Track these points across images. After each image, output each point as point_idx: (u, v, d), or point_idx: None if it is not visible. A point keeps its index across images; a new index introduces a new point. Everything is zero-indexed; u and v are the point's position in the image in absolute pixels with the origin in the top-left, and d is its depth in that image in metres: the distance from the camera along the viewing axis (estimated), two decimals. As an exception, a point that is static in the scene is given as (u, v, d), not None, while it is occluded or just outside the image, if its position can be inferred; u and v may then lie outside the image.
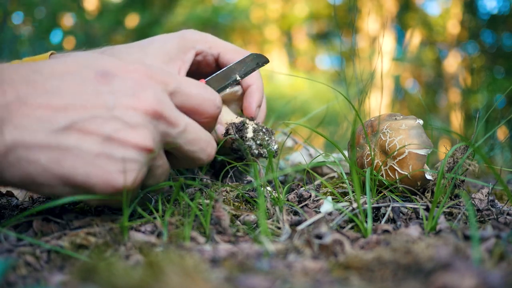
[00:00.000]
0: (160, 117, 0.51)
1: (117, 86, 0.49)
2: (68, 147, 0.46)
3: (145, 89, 0.50)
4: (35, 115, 0.45)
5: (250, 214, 0.60)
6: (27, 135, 0.45)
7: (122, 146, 0.48)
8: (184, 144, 0.54)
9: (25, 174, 0.45)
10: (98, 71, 0.50)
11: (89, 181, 0.47)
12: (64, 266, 0.46)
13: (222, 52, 0.80)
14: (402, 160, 0.64)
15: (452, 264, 0.36)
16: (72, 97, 0.47)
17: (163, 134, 0.52)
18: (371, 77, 0.92)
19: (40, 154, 0.45)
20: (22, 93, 0.46)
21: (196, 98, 0.56)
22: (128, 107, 0.49)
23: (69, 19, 5.45)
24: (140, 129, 0.48)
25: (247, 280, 0.37)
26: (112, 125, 0.47)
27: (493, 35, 7.51)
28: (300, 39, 9.24)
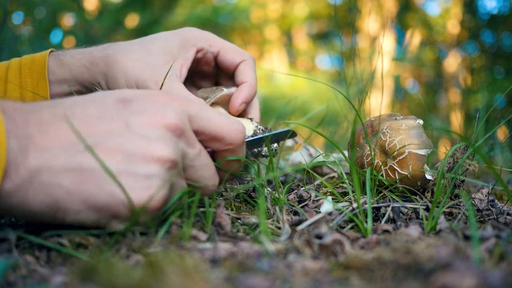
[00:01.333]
0: (181, 134, 0.50)
1: (137, 108, 0.49)
2: (90, 168, 0.45)
3: (165, 108, 0.50)
4: (57, 139, 0.45)
5: (251, 216, 0.60)
6: (49, 159, 0.44)
7: (145, 162, 0.47)
8: (198, 168, 0.53)
9: (50, 199, 0.44)
10: (118, 98, 0.50)
11: (113, 201, 0.45)
12: (64, 266, 0.46)
13: (222, 51, 0.81)
14: (402, 160, 0.64)
15: (452, 264, 0.36)
16: (92, 120, 0.47)
17: (183, 153, 0.50)
18: (371, 77, 0.92)
19: (63, 177, 0.44)
20: (44, 122, 0.46)
21: (215, 123, 0.54)
22: (149, 123, 0.48)
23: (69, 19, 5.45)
24: (162, 142, 0.47)
25: (247, 280, 0.37)
26: (133, 142, 0.47)
27: (493, 35, 7.51)
28: (300, 39, 9.24)
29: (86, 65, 0.75)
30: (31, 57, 0.77)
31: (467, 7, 7.64)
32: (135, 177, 0.46)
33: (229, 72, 0.83)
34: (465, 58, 7.39)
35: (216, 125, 0.54)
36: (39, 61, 0.76)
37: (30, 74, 0.75)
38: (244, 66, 0.80)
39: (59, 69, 0.76)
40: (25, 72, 0.75)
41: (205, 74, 0.86)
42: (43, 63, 0.75)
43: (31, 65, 0.76)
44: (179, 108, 0.51)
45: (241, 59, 0.81)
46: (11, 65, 0.77)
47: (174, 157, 0.48)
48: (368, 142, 0.67)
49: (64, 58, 0.76)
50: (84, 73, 0.75)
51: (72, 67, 0.76)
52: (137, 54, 0.74)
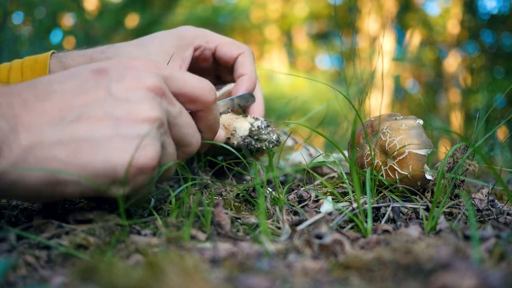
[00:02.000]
0: (162, 95, 0.52)
1: (115, 75, 0.51)
2: (81, 136, 0.46)
3: (142, 71, 0.52)
4: (44, 116, 0.46)
5: (250, 216, 0.60)
6: (40, 135, 0.45)
7: (133, 123, 0.48)
8: (182, 126, 0.55)
9: (47, 173, 0.45)
10: (94, 69, 0.51)
11: (109, 164, 0.47)
12: (64, 266, 0.46)
13: (219, 46, 0.81)
14: (402, 160, 0.64)
15: (452, 264, 0.36)
16: (74, 93, 0.48)
17: (166, 112, 0.52)
18: (371, 77, 0.92)
19: (57, 150, 0.45)
20: (28, 101, 0.47)
21: (191, 84, 0.56)
22: (130, 87, 0.50)
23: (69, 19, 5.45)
24: (146, 103, 0.49)
25: (247, 280, 0.37)
26: (118, 107, 0.48)
27: (493, 35, 7.51)
28: (300, 39, 9.24)
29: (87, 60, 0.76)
30: (33, 59, 0.78)
31: (467, 7, 7.64)
32: (125, 139, 0.47)
33: (228, 66, 0.83)
34: (465, 58, 7.39)
35: (190, 85, 0.56)
36: (41, 62, 0.76)
37: (32, 75, 0.76)
38: (243, 59, 0.81)
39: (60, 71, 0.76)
40: (26, 74, 0.76)
41: (204, 70, 0.87)
42: (45, 65, 0.76)
43: (33, 66, 0.76)
44: (154, 71, 0.53)
45: (239, 52, 0.81)
46: (13, 66, 0.77)
47: (160, 115, 0.50)
48: (368, 142, 0.67)
49: (66, 60, 0.77)
50: None
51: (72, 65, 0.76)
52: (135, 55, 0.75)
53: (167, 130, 0.53)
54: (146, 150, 0.48)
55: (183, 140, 0.56)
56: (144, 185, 0.51)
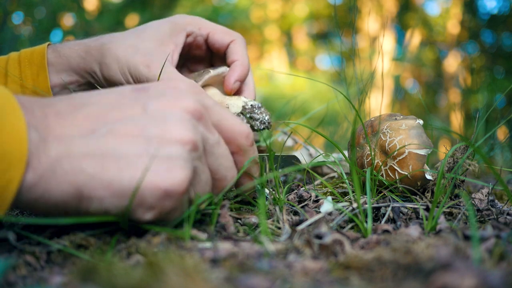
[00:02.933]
0: (200, 118, 0.49)
1: (154, 93, 0.49)
2: (110, 151, 0.44)
3: (183, 93, 0.50)
4: (75, 127, 0.45)
5: (251, 216, 0.60)
6: (69, 146, 0.43)
7: (165, 144, 0.46)
8: (218, 156, 0.52)
9: (73, 187, 0.43)
10: (135, 88, 0.50)
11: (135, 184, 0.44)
12: (64, 266, 0.46)
13: (211, 33, 0.82)
14: (402, 160, 0.64)
15: (452, 264, 0.36)
16: (110, 107, 0.47)
17: (203, 138, 0.50)
18: (371, 77, 0.92)
19: (84, 163, 0.43)
20: (62, 112, 0.45)
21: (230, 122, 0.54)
22: (167, 106, 0.48)
23: (69, 19, 5.45)
24: (181, 123, 0.47)
25: (247, 280, 0.37)
26: (151, 125, 0.46)
27: (493, 35, 7.51)
28: (300, 39, 9.24)
29: (82, 55, 0.77)
30: (30, 50, 0.78)
31: (467, 7, 7.64)
32: (156, 159, 0.45)
33: (220, 53, 0.84)
34: (465, 58, 7.39)
35: (228, 122, 0.54)
36: (38, 53, 0.77)
37: (29, 66, 0.77)
38: (234, 45, 0.82)
39: (57, 60, 0.78)
40: (24, 65, 0.77)
41: (198, 58, 0.88)
42: (42, 55, 0.77)
43: (30, 57, 0.77)
44: (196, 95, 0.51)
45: (231, 39, 0.82)
46: (10, 58, 0.78)
47: (194, 138, 0.47)
48: (368, 142, 0.67)
49: (62, 49, 0.78)
50: (81, 63, 0.77)
51: (69, 58, 0.77)
52: (129, 41, 0.76)
53: (202, 156, 0.50)
54: (175, 172, 0.45)
55: (218, 172, 0.53)
56: (172, 210, 0.47)
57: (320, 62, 9.54)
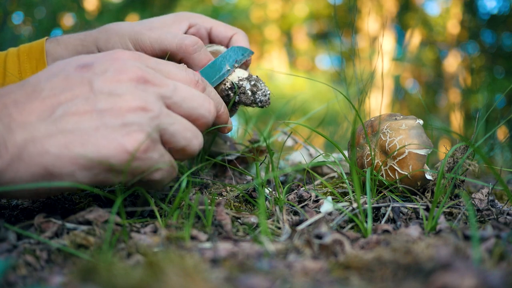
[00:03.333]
0: (146, 81, 0.54)
1: (98, 69, 0.53)
2: (70, 129, 0.48)
3: (125, 63, 0.54)
4: (35, 114, 0.48)
5: (251, 216, 0.60)
6: (32, 131, 0.47)
7: (117, 114, 0.50)
8: (182, 101, 0.56)
9: (41, 168, 0.47)
10: (78, 64, 0.54)
11: (101, 153, 0.48)
12: (64, 266, 0.46)
13: (214, 26, 0.84)
14: (402, 160, 0.64)
15: (452, 264, 0.36)
16: (60, 90, 0.51)
17: (157, 95, 0.54)
18: (371, 77, 0.92)
19: (48, 144, 0.47)
20: (19, 101, 0.49)
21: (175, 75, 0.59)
22: (112, 80, 0.52)
23: (69, 19, 5.45)
24: (127, 94, 0.51)
25: (247, 280, 0.37)
26: (101, 100, 0.50)
27: (493, 35, 7.51)
28: (300, 39, 9.24)
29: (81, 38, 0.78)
30: (29, 45, 0.79)
31: (467, 7, 7.63)
32: (112, 129, 0.50)
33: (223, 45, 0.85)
34: (465, 58, 7.39)
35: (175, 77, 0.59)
36: (36, 47, 0.78)
37: (28, 60, 0.77)
38: (237, 37, 0.84)
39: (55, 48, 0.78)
40: (23, 59, 0.77)
41: None
42: (41, 48, 0.77)
43: (29, 51, 0.78)
44: (137, 61, 0.55)
45: (234, 32, 0.84)
46: (9, 53, 0.79)
47: (143, 104, 0.51)
48: (368, 142, 0.67)
49: (61, 38, 0.79)
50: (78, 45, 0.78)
51: (67, 44, 0.78)
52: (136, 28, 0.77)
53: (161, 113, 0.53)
54: (132, 135, 0.50)
55: (192, 113, 0.57)
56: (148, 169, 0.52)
57: (320, 62, 9.54)
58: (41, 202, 0.67)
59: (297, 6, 8.75)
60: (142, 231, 0.54)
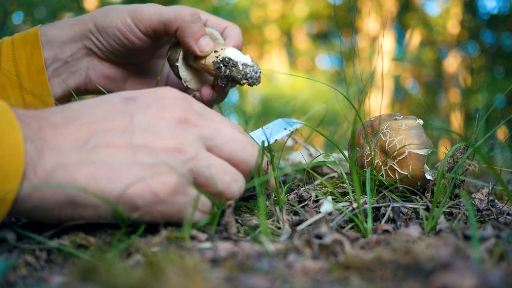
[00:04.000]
0: (187, 121, 0.52)
1: (142, 103, 0.52)
2: (101, 161, 0.47)
3: (169, 101, 0.53)
4: (69, 139, 0.47)
5: (252, 218, 0.59)
6: (63, 157, 0.46)
7: (151, 152, 0.48)
8: (223, 143, 0.54)
9: (67, 196, 0.46)
10: (125, 97, 0.53)
11: (125, 192, 0.47)
12: (64, 266, 0.46)
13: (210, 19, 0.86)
14: (402, 160, 0.64)
15: (452, 264, 0.36)
16: (101, 119, 0.49)
17: (196, 136, 0.52)
18: (371, 77, 0.92)
19: (77, 173, 0.46)
20: (56, 125, 0.48)
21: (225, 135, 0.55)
22: (153, 116, 0.51)
23: (69, 19, 5.44)
24: (165, 133, 0.50)
25: (247, 280, 0.37)
26: (138, 135, 0.49)
27: (493, 35, 7.51)
28: (300, 39, 9.24)
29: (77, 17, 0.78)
30: (24, 32, 0.79)
31: (467, 7, 7.64)
32: (143, 167, 0.48)
33: None
34: (465, 58, 7.39)
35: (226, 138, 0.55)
36: (31, 33, 0.78)
37: (23, 46, 0.77)
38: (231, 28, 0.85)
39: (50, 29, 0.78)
40: (18, 45, 0.77)
41: None
42: (36, 34, 0.77)
43: (24, 38, 0.77)
44: (184, 101, 0.54)
45: (227, 24, 0.86)
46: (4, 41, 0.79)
47: (178, 146, 0.49)
48: (368, 142, 0.67)
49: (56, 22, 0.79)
50: (75, 25, 0.78)
51: (63, 24, 0.78)
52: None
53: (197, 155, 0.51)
54: (162, 177, 0.48)
55: (232, 157, 0.55)
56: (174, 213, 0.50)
57: (320, 62, 9.54)
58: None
59: (297, 6, 8.75)
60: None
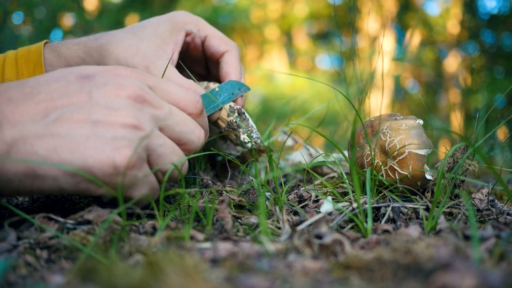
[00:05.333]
0: (143, 101, 0.55)
1: (99, 82, 0.54)
2: (61, 134, 0.49)
3: (125, 80, 0.55)
4: (28, 114, 0.49)
5: (251, 216, 0.60)
6: (23, 130, 0.48)
7: (110, 127, 0.51)
8: (175, 124, 0.57)
9: (27, 167, 0.48)
10: (80, 74, 0.55)
11: (86, 163, 0.49)
12: (64, 266, 0.46)
13: (209, 37, 0.83)
14: (402, 160, 0.64)
15: (452, 264, 0.36)
16: (58, 94, 0.51)
17: (151, 116, 0.55)
18: (371, 77, 0.92)
19: (37, 146, 0.48)
20: (13, 99, 0.50)
21: (175, 96, 0.60)
22: (110, 94, 0.53)
23: (69, 19, 5.45)
24: (123, 110, 0.52)
25: (247, 280, 0.37)
26: (97, 111, 0.51)
27: (493, 35, 7.51)
28: (300, 39, 9.23)
29: (81, 56, 0.77)
30: (27, 48, 0.78)
31: (467, 7, 7.63)
32: (102, 140, 0.50)
33: (214, 59, 0.84)
34: (465, 58, 7.38)
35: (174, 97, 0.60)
36: (35, 51, 0.77)
37: (26, 64, 0.77)
38: (229, 56, 0.82)
39: (56, 61, 0.78)
40: (21, 63, 0.77)
41: (195, 60, 0.88)
42: (39, 54, 0.77)
43: (27, 55, 0.77)
44: (138, 80, 0.56)
45: (226, 49, 0.82)
46: (7, 56, 0.78)
47: (136, 122, 0.52)
48: (368, 142, 0.67)
49: (60, 49, 0.78)
50: (80, 63, 0.78)
51: (68, 59, 0.78)
52: (129, 41, 0.76)
53: (152, 133, 0.54)
54: (121, 150, 0.50)
55: (182, 138, 0.59)
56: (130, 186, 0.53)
57: (320, 62, 9.53)
58: (41, 202, 0.68)
59: (297, 6, 8.74)
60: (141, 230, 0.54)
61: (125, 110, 0.52)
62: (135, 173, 0.52)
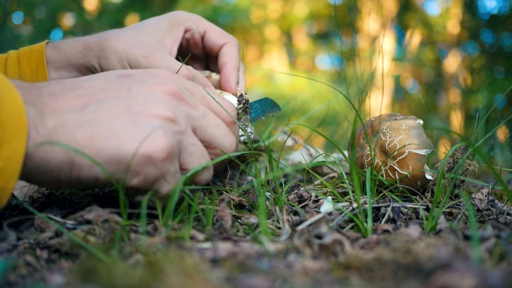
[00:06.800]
0: (180, 98, 0.56)
1: (139, 79, 0.56)
2: (99, 123, 0.50)
3: (164, 78, 0.57)
4: (68, 104, 0.51)
5: (251, 216, 0.60)
6: (63, 119, 0.49)
7: (147, 118, 0.52)
8: (208, 126, 0.58)
9: (67, 155, 0.48)
10: (121, 73, 0.57)
11: (122, 151, 0.50)
12: (64, 266, 0.46)
13: (208, 31, 0.83)
14: (402, 160, 0.64)
15: (452, 264, 0.36)
16: (99, 89, 0.53)
17: (186, 114, 0.56)
18: (371, 77, 0.92)
19: (76, 133, 0.49)
20: (55, 92, 0.51)
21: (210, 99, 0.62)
22: (149, 89, 0.55)
23: (69, 19, 5.45)
24: (161, 103, 0.54)
25: (247, 280, 0.37)
26: (136, 103, 0.53)
27: (493, 35, 7.51)
28: (300, 39, 9.23)
29: (81, 51, 0.78)
30: (29, 48, 0.79)
31: (467, 7, 7.63)
32: (139, 130, 0.51)
33: (213, 53, 0.85)
34: (465, 58, 7.38)
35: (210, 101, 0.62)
36: (37, 51, 0.78)
37: (28, 63, 0.77)
38: (228, 47, 0.83)
39: (56, 56, 0.78)
40: (23, 62, 0.78)
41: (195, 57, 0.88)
42: (41, 52, 0.77)
43: (29, 55, 0.78)
44: (176, 80, 0.58)
45: (225, 41, 0.83)
46: (9, 56, 0.79)
47: (172, 116, 0.53)
48: (368, 142, 0.67)
49: (61, 46, 0.79)
50: (80, 58, 0.78)
51: (68, 54, 0.78)
52: (129, 35, 0.77)
53: (187, 131, 0.55)
54: (156, 140, 0.51)
55: (212, 141, 0.60)
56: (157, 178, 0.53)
57: (320, 62, 9.53)
58: (41, 202, 0.68)
59: (297, 6, 8.74)
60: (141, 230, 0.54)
61: (163, 103, 0.54)
62: (168, 166, 0.53)
